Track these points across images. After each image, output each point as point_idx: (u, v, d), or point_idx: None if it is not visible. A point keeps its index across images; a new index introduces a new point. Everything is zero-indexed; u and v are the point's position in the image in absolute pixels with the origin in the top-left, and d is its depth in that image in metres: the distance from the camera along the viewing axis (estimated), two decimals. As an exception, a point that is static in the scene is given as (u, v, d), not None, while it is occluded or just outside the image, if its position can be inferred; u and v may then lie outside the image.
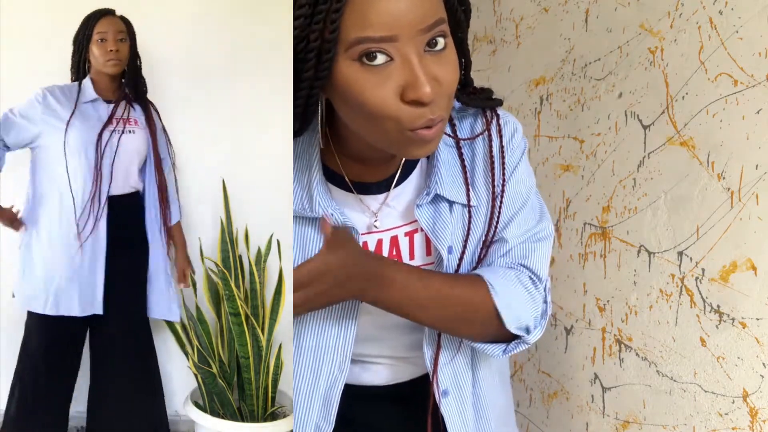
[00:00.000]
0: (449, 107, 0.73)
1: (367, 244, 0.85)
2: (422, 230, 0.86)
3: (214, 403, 1.71)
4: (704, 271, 1.20)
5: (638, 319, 1.34)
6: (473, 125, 0.88)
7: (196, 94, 1.88)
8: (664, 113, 1.27)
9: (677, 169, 1.25)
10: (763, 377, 1.12)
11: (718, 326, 1.18)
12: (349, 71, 0.68)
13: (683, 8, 1.23)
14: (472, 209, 0.85)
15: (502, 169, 0.87)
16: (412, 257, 0.86)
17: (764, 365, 1.11)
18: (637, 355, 1.35)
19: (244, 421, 1.71)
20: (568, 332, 1.54)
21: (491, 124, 0.87)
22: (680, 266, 1.25)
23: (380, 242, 0.85)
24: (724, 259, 1.17)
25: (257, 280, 1.76)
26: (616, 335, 1.40)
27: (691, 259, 1.23)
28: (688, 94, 1.22)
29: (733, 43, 1.14)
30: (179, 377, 1.86)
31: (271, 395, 1.72)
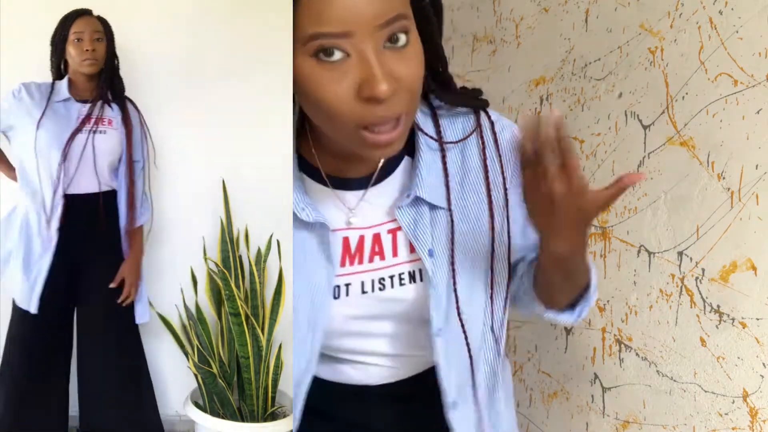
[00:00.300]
0: (411, 105, 0.71)
1: (348, 239, 0.84)
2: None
3: (214, 403, 1.71)
4: (704, 271, 1.20)
5: (638, 319, 1.34)
6: (465, 127, 0.87)
7: (195, 94, 1.88)
8: (664, 113, 1.27)
9: (677, 169, 1.25)
10: (763, 377, 1.12)
11: (718, 326, 1.18)
12: (306, 67, 0.67)
13: (683, 8, 1.23)
14: (454, 213, 0.84)
15: (502, 177, 0.86)
16: (395, 254, 0.85)
17: (764, 365, 1.11)
18: (637, 355, 1.35)
19: (244, 421, 1.71)
20: (568, 332, 1.53)
21: (483, 128, 0.86)
22: (680, 266, 1.25)
23: (362, 238, 0.84)
24: (724, 259, 1.17)
25: (257, 280, 1.76)
26: (616, 335, 1.40)
27: (691, 259, 1.23)
28: (688, 94, 1.22)
29: (733, 43, 1.14)
30: (179, 377, 1.86)
31: (271, 395, 1.72)
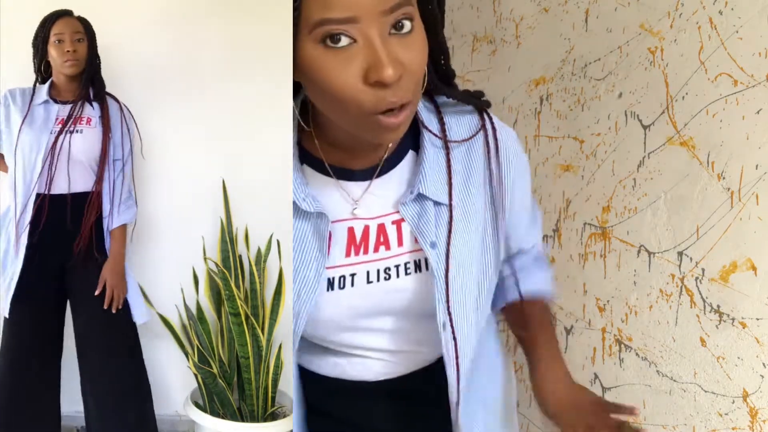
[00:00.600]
0: (416, 92, 0.72)
1: (353, 229, 0.85)
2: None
3: (214, 403, 1.71)
4: (704, 271, 1.20)
5: (638, 319, 1.34)
6: (471, 127, 0.88)
7: (195, 94, 1.88)
8: (664, 113, 1.27)
9: (677, 169, 1.25)
10: (763, 377, 1.12)
11: (718, 326, 1.18)
12: (313, 53, 0.68)
13: (683, 8, 1.23)
14: (455, 210, 0.85)
15: (500, 185, 0.88)
16: (400, 244, 0.86)
17: (764, 365, 1.11)
18: (637, 355, 1.35)
19: (244, 421, 1.71)
20: (568, 332, 1.54)
21: (488, 131, 0.88)
22: (680, 266, 1.25)
23: (367, 228, 0.85)
24: (724, 259, 1.17)
25: (257, 280, 1.76)
26: (616, 335, 1.40)
27: (691, 259, 1.23)
28: (688, 94, 1.22)
29: (733, 43, 1.14)
30: (179, 377, 1.86)
31: (271, 395, 1.72)
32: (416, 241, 0.85)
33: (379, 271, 0.85)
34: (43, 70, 1.65)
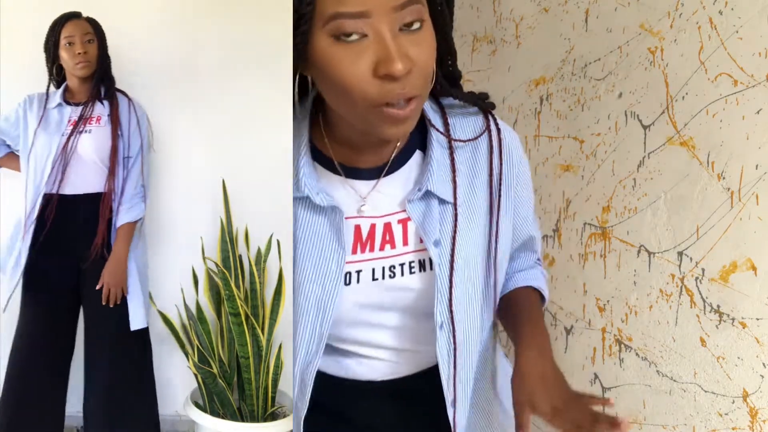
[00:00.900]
0: (424, 87, 0.74)
1: (359, 227, 0.86)
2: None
3: (214, 403, 1.71)
4: (704, 271, 1.20)
5: (638, 319, 1.34)
6: (475, 128, 0.90)
7: (195, 93, 1.88)
8: (664, 113, 1.27)
9: (677, 169, 1.25)
10: (763, 377, 1.12)
11: (718, 326, 1.18)
12: (325, 47, 0.70)
13: (683, 8, 1.23)
14: (459, 208, 0.87)
15: (505, 186, 0.90)
16: (405, 243, 0.87)
17: (764, 365, 1.11)
18: (637, 355, 1.35)
19: (244, 421, 1.71)
20: (568, 332, 1.54)
21: (492, 132, 0.90)
22: (680, 266, 1.25)
23: (373, 227, 0.86)
24: (724, 259, 1.17)
25: (257, 280, 1.76)
26: (616, 335, 1.40)
27: (691, 259, 1.23)
28: (688, 94, 1.22)
29: (733, 43, 1.14)
30: (179, 377, 1.86)
31: (271, 395, 1.72)
32: (421, 240, 0.87)
33: (384, 268, 0.87)
34: (56, 73, 1.66)
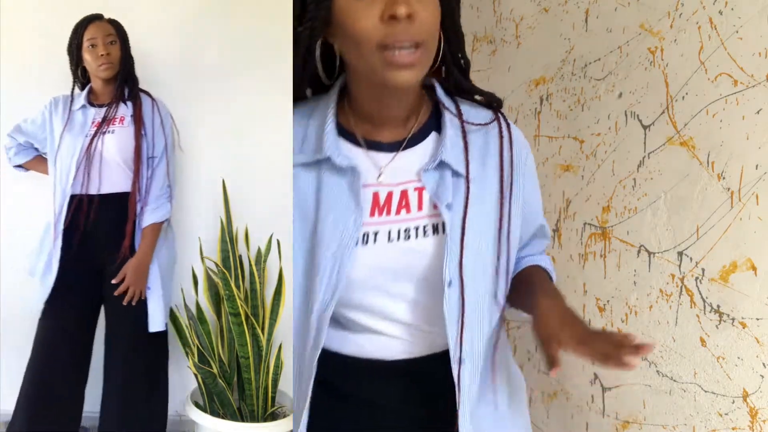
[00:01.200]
0: (429, 36, 0.83)
1: (378, 194, 0.91)
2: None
3: (214, 403, 1.71)
4: (704, 271, 1.21)
5: (638, 319, 1.34)
6: (486, 117, 0.96)
7: (195, 93, 1.88)
8: (664, 113, 1.27)
9: (677, 169, 1.25)
10: (763, 377, 1.12)
11: (718, 326, 1.18)
12: (344, 5, 0.81)
13: (683, 8, 1.23)
14: (471, 182, 0.92)
15: (510, 172, 0.95)
16: (420, 209, 0.92)
17: (764, 365, 1.12)
18: (637, 355, 1.35)
19: (244, 421, 1.71)
20: (568, 332, 1.54)
21: (502, 124, 0.96)
22: (680, 266, 1.25)
23: (390, 194, 0.92)
24: (724, 259, 1.17)
25: (257, 280, 1.76)
26: (616, 335, 1.40)
27: (691, 259, 1.23)
28: (688, 94, 1.22)
29: (733, 43, 1.14)
30: (179, 377, 1.86)
31: (271, 395, 1.72)
32: (435, 207, 0.92)
33: (399, 231, 0.91)
34: (80, 75, 1.66)
